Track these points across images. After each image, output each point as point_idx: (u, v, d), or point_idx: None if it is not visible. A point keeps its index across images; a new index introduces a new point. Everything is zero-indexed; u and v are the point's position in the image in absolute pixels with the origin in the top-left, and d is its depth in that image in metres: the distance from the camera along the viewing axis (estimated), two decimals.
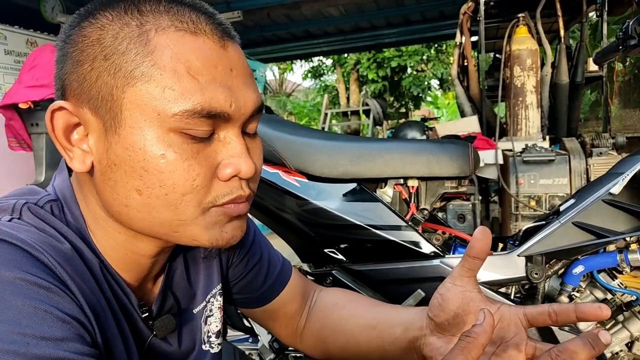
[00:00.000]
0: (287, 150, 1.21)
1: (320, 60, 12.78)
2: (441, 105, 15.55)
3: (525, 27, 3.01)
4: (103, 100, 0.50)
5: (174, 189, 0.51)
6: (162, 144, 0.50)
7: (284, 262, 0.86)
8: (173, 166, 0.50)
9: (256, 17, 5.35)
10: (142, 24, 0.50)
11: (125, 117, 0.50)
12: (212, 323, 0.73)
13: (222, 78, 0.51)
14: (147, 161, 0.50)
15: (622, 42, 1.11)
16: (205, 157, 0.52)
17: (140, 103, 0.49)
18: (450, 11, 5.63)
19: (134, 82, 0.49)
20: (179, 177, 0.50)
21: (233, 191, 0.54)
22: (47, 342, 0.42)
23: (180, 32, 0.50)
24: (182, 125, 0.49)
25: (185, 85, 0.49)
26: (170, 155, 0.50)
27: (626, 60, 5.03)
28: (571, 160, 2.49)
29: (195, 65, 0.50)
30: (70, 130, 0.53)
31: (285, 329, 0.86)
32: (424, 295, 1.16)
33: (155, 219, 0.53)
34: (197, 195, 0.52)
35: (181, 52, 0.49)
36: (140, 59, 0.49)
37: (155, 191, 0.51)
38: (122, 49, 0.49)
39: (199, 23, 0.51)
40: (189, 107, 0.49)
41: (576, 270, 1.11)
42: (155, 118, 0.49)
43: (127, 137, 0.50)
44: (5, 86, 3.45)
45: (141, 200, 0.51)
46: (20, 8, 4.09)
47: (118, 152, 0.50)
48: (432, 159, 1.24)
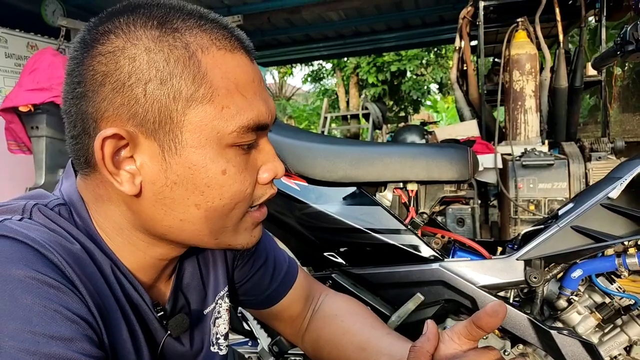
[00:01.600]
0: (287, 154, 1.22)
1: (320, 64, 12.80)
2: (440, 109, 15.57)
3: (524, 31, 3.03)
4: (161, 124, 0.51)
5: (231, 200, 0.55)
6: (222, 160, 0.53)
7: (290, 262, 0.86)
8: (232, 179, 0.54)
9: (256, 21, 5.37)
10: (187, 45, 0.51)
11: (185, 138, 0.52)
12: (221, 325, 0.74)
13: (259, 91, 0.56)
14: (210, 178, 0.53)
15: (620, 48, 1.11)
16: (251, 165, 0.57)
17: (201, 124, 0.51)
18: (449, 16, 5.65)
19: (195, 105, 0.51)
20: (237, 189, 0.55)
21: (267, 192, 0.60)
22: (57, 341, 0.43)
23: (221, 51, 0.53)
24: (237, 140, 0.53)
25: (238, 102, 0.53)
26: (230, 170, 0.54)
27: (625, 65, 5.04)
28: (570, 164, 2.50)
29: (241, 82, 0.53)
30: (116, 154, 0.52)
31: (289, 329, 0.87)
32: (423, 299, 1.16)
33: (207, 229, 0.56)
34: (246, 202, 0.57)
35: (228, 71, 0.53)
36: (198, 82, 0.51)
37: (214, 204, 0.54)
38: (177, 73, 0.50)
39: (230, 40, 0.54)
40: (244, 124, 0.53)
41: (575, 274, 1.12)
42: (215, 136, 0.52)
43: (189, 157, 0.52)
44: (6, 89, 3.46)
45: (198, 214, 0.55)
46: (21, 11, 4.10)
47: (179, 171, 0.52)
48: (431, 162, 1.24)
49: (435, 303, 1.18)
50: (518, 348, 1.13)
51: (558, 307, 1.15)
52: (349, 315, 0.85)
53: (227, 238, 0.59)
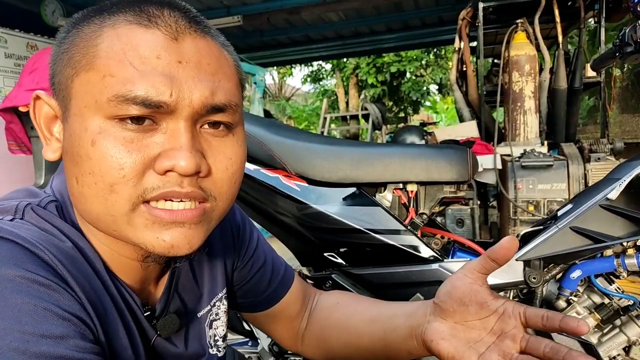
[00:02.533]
0: (287, 154, 1.22)
1: (319, 64, 12.80)
2: (440, 110, 15.58)
3: (523, 32, 3.03)
4: (61, 91, 0.53)
5: (102, 177, 0.49)
6: (94, 130, 0.49)
7: (287, 266, 0.87)
8: (101, 153, 0.49)
9: (256, 22, 5.37)
10: (102, 22, 0.52)
11: (72, 105, 0.52)
12: (219, 327, 0.74)
13: (164, 68, 0.50)
14: (80, 146, 0.50)
15: (619, 49, 1.12)
16: (141, 146, 0.50)
17: (81, 90, 0.51)
18: (449, 17, 5.65)
19: (79, 72, 0.51)
20: (107, 165, 0.49)
21: (166, 185, 0.50)
22: (47, 339, 0.42)
23: (130, 25, 0.51)
24: (117, 112, 0.49)
25: (124, 73, 0.49)
26: (99, 142, 0.49)
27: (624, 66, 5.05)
28: (569, 165, 2.50)
29: (137, 55, 0.49)
30: (51, 121, 0.56)
31: (286, 332, 0.87)
32: (422, 299, 1.16)
33: (91, 211, 0.52)
34: (126, 187, 0.49)
35: (126, 44, 0.50)
36: (86, 50, 0.51)
37: (86, 179, 0.50)
38: (76, 43, 0.52)
39: (156, 17, 0.51)
40: (122, 93, 0.48)
41: (574, 274, 1.12)
42: (93, 105, 0.50)
43: (71, 124, 0.52)
44: (6, 89, 3.46)
45: (78, 189, 0.51)
46: (21, 11, 4.10)
47: (66, 139, 0.53)
48: (431, 163, 1.24)
49: None
50: None
51: (557, 308, 1.16)
52: (351, 300, 0.85)
53: (126, 232, 0.52)
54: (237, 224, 0.80)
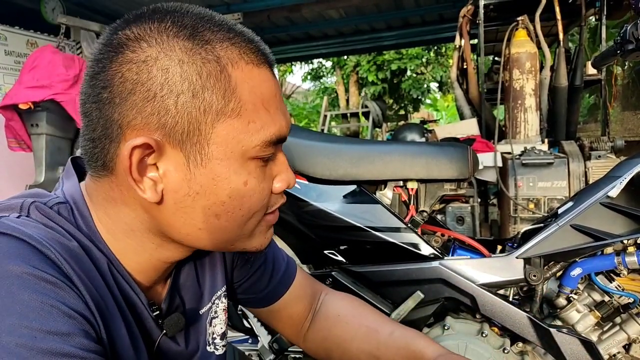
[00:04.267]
0: (287, 152, 1.21)
1: (320, 62, 12.79)
2: (440, 107, 15.56)
3: (524, 30, 3.02)
4: (189, 135, 0.51)
5: (250, 209, 0.57)
6: (244, 172, 0.55)
7: (289, 261, 0.87)
8: (253, 191, 0.56)
9: (256, 20, 5.36)
10: (218, 59, 0.52)
11: (212, 150, 0.52)
12: (217, 325, 0.74)
13: (280, 105, 0.57)
14: (232, 189, 0.54)
15: (620, 47, 1.11)
16: (268, 176, 0.59)
17: (227, 137, 0.53)
18: (449, 14, 5.65)
19: (224, 119, 0.52)
20: (256, 199, 0.57)
21: (279, 200, 0.62)
22: (54, 336, 0.43)
23: (249, 66, 0.54)
24: (259, 154, 0.55)
25: (262, 117, 0.54)
26: (251, 182, 0.55)
27: (625, 64, 5.04)
28: (570, 163, 2.50)
29: (266, 97, 0.55)
30: (143, 160, 0.52)
31: (289, 329, 0.87)
32: (422, 297, 1.16)
33: (225, 237, 0.58)
34: (262, 211, 0.59)
35: (255, 86, 0.54)
36: (229, 96, 0.52)
37: (234, 214, 0.56)
38: (209, 87, 0.51)
39: (257, 54, 0.55)
40: (267, 138, 0.54)
41: (574, 272, 1.12)
42: (239, 150, 0.53)
43: (213, 168, 0.53)
44: (6, 87, 3.46)
45: (218, 224, 0.56)
46: (21, 9, 4.10)
47: (202, 182, 0.53)
48: (431, 161, 1.24)
49: (435, 301, 1.18)
50: (517, 346, 1.13)
51: (557, 306, 1.16)
52: (353, 317, 0.86)
53: (242, 243, 0.61)
54: None
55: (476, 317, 1.19)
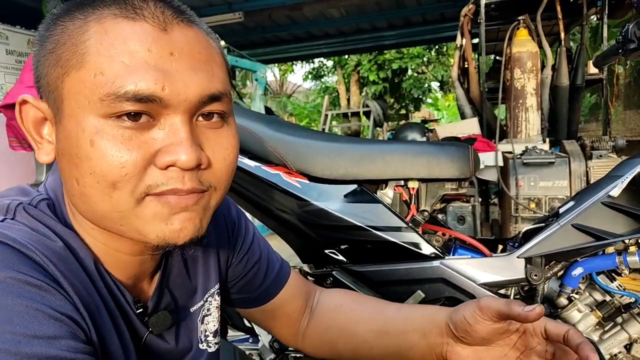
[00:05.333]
0: (288, 151, 1.22)
1: (321, 61, 12.79)
2: (441, 107, 15.56)
3: (525, 29, 3.02)
4: (51, 92, 0.52)
5: (103, 176, 0.49)
6: (91, 131, 0.49)
7: (283, 262, 0.87)
8: (101, 152, 0.48)
9: (257, 19, 5.36)
10: (86, 16, 0.50)
11: (65, 106, 0.50)
12: (210, 322, 0.74)
13: (155, 61, 0.49)
14: (79, 148, 0.49)
15: (622, 46, 1.11)
16: (140, 143, 0.49)
17: (74, 91, 0.49)
18: (451, 13, 5.64)
19: (70, 71, 0.50)
20: (108, 164, 0.48)
21: (169, 182, 0.50)
22: (39, 340, 0.42)
23: (117, 19, 0.49)
24: (112, 110, 0.48)
25: (115, 69, 0.48)
26: (99, 142, 0.48)
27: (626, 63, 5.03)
28: (571, 162, 2.49)
29: (126, 50, 0.48)
30: (40, 124, 0.55)
31: (286, 329, 0.86)
32: (423, 296, 1.16)
33: (96, 210, 0.52)
34: (128, 184, 0.49)
35: (114, 38, 0.49)
36: (74, 48, 0.49)
37: (88, 180, 0.50)
38: (63, 41, 0.50)
39: (142, 8, 0.50)
40: (114, 91, 0.47)
41: (575, 272, 1.12)
42: (86, 105, 0.49)
43: (66, 126, 0.50)
44: (7, 86, 3.46)
45: (79, 190, 0.51)
46: (22, 8, 4.10)
47: (61, 141, 0.52)
48: (432, 160, 1.24)
49: (436, 300, 1.18)
50: None
51: (559, 305, 1.16)
52: (355, 304, 0.85)
53: (134, 226, 0.52)
54: (232, 219, 0.79)
55: None
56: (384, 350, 0.79)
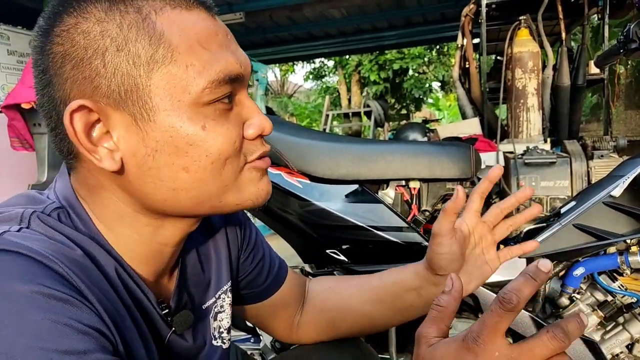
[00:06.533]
0: (289, 151, 1.22)
1: (321, 61, 12.79)
2: (442, 107, 15.56)
3: (526, 29, 3.01)
4: (127, 93, 0.49)
5: (219, 155, 0.53)
6: (200, 117, 0.51)
7: (280, 259, 0.89)
8: (215, 132, 0.52)
9: (258, 19, 5.37)
10: (139, 9, 0.50)
11: (156, 102, 0.50)
12: (224, 319, 0.74)
13: (226, 43, 0.54)
14: (190, 136, 0.51)
15: (623, 46, 1.11)
16: (234, 119, 0.55)
17: (168, 86, 0.50)
18: (451, 13, 5.63)
19: (158, 67, 0.49)
20: (222, 141, 0.53)
21: (259, 148, 0.58)
22: (70, 356, 0.41)
23: (177, 10, 0.51)
24: (211, 96, 0.51)
25: (202, 57, 0.51)
26: (209, 124, 0.52)
27: (628, 63, 5.03)
28: (572, 162, 2.49)
29: (202, 37, 0.51)
30: (90, 130, 0.51)
31: (283, 323, 0.87)
32: None
33: (204, 193, 0.55)
34: (237, 157, 0.55)
35: (187, 28, 0.51)
36: (156, 43, 0.49)
37: (202, 163, 0.52)
38: (132, 37, 0.49)
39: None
40: (212, 77, 0.51)
41: (577, 272, 1.12)
42: (186, 96, 0.50)
43: (164, 120, 0.50)
44: (8, 86, 3.47)
45: (189, 178, 0.53)
46: (24, 9, 4.10)
47: (157, 137, 0.51)
48: (433, 160, 1.24)
49: None
50: None
51: (560, 305, 1.16)
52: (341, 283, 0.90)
53: (232, 199, 0.57)
54: (239, 217, 0.80)
55: (478, 316, 1.19)
56: (384, 316, 0.84)
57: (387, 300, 0.83)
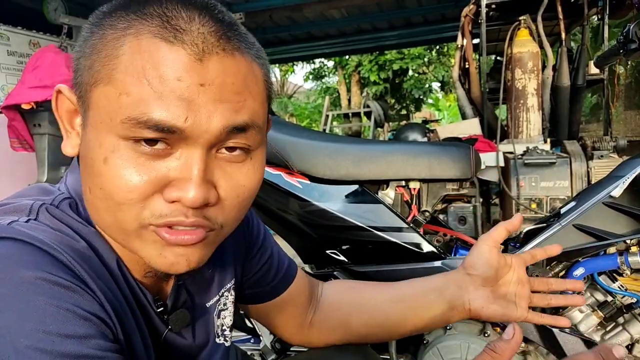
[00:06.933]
0: (289, 152, 1.22)
1: (321, 62, 12.79)
2: (442, 107, 15.56)
3: (526, 29, 3.01)
4: (82, 95, 0.52)
5: (111, 195, 0.49)
6: (107, 148, 0.49)
7: (290, 259, 0.89)
8: (112, 172, 0.49)
9: (258, 19, 5.37)
10: (127, 27, 0.49)
11: (89, 115, 0.51)
12: (227, 317, 0.75)
13: (183, 92, 0.47)
14: (93, 161, 0.50)
15: (623, 46, 1.11)
16: (153, 170, 0.49)
17: (99, 104, 0.49)
18: (451, 14, 5.64)
19: (98, 83, 0.49)
20: (116, 185, 0.49)
21: (172, 214, 0.50)
22: (72, 339, 0.43)
23: (155, 40, 0.48)
24: (130, 134, 0.48)
25: (141, 93, 0.47)
26: (112, 161, 0.49)
27: (627, 64, 5.03)
28: (572, 162, 2.49)
29: (156, 75, 0.47)
30: (72, 115, 0.56)
31: (292, 322, 0.87)
32: None
33: (103, 220, 0.53)
34: (133, 209, 0.49)
35: (147, 60, 0.47)
36: (107, 61, 0.49)
37: (97, 193, 0.51)
38: (99, 48, 0.50)
39: (183, 32, 0.48)
40: (135, 115, 0.47)
41: (577, 272, 1.12)
42: (107, 122, 0.48)
43: (87, 134, 0.52)
44: (8, 87, 3.47)
45: (90, 198, 0.53)
46: (23, 9, 4.10)
47: (82, 146, 0.53)
48: (433, 161, 1.24)
49: None
50: (520, 346, 1.13)
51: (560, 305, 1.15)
52: (363, 285, 0.91)
53: (133, 246, 0.53)
54: (246, 215, 0.80)
55: None
56: (400, 315, 0.85)
57: (408, 298, 0.85)
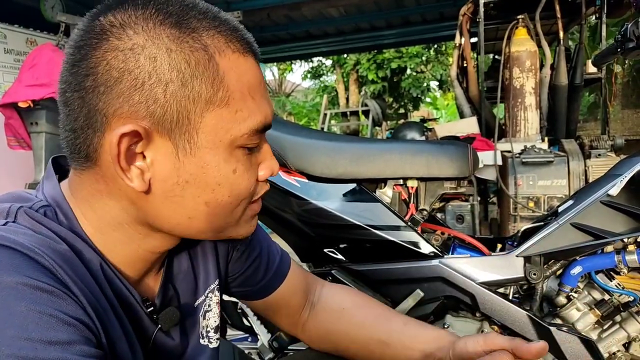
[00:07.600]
0: (287, 150, 1.21)
1: (319, 60, 12.78)
2: (440, 106, 15.56)
3: (524, 28, 3.02)
4: (178, 124, 0.51)
5: (239, 196, 0.58)
6: (233, 160, 0.55)
7: (283, 254, 0.87)
8: (241, 178, 0.57)
9: (256, 18, 5.36)
10: (206, 47, 0.52)
11: (201, 139, 0.53)
12: (211, 318, 0.74)
13: (265, 94, 0.58)
14: (221, 176, 0.55)
15: (621, 45, 1.11)
16: (254, 164, 0.59)
17: (216, 127, 0.53)
18: (449, 12, 5.64)
19: (213, 108, 0.52)
20: (244, 187, 0.57)
21: (263, 188, 0.62)
22: (55, 346, 0.42)
23: (236, 54, 0.54)
24: (247, 142, 0.56)
25: (249, 106, 0.54)
26: (239, 169, 0.56)
27: (625, 63, 5.04)
28: (570, 161, 2.49)
29: (252, 86, 0.55)
30: (128, 151, 0.52)
31: (286, 319, 0.87)
32: (422, 295, 1.16)
33: (214, 225, 0.59)
34: (249, 198, 0.60)
35: (241, 74, 0.54)
36: (217, 85, 0.52)
37: (222, 202, 0.56)
38: (198, 75, 0.51)
39: (242, 42, 0.56)
40: (254, 127, 0.55)
41: (574, 271, 1.12)
42: (228, 138, 0.54)
43: (203, 157, 0.53)
44: (5, 85, 3.46)
45: (207, 212, 0.56)
46: (20, 7, 4.09)
47: (192, 170, 0.54)
48: (431, 159, 1.24)
49: (435, 299, 1.18)
50: None
51: (557, 304, 1.16)
52: (359, 309, 0.86)
53: (230, 231, 0.61)
54: None
55: (476, 315, 1.19)
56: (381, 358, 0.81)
57: (394, 347, 0.80)
